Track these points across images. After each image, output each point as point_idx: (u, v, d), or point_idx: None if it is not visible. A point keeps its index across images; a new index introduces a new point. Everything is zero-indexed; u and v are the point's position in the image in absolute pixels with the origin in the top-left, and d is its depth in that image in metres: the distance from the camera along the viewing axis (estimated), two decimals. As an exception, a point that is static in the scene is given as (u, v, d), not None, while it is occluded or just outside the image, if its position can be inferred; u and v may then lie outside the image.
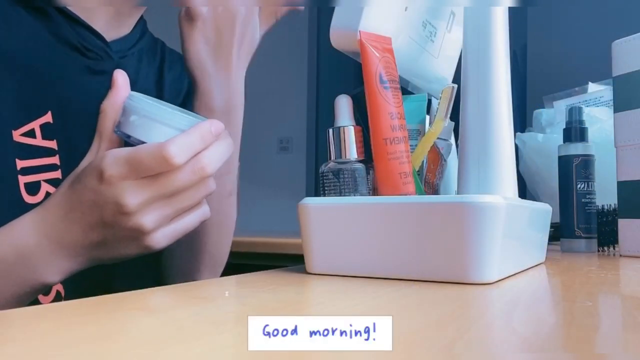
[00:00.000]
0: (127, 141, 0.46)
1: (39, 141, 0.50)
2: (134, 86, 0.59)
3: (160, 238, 0.45)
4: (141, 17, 0.64)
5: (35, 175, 0.50)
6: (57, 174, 0.51)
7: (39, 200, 0.49)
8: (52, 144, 0.51)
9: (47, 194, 0.50)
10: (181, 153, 0.41)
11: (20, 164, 0.49)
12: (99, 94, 0.54)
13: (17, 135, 0.49)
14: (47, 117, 0.51)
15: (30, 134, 0.50)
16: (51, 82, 0.52)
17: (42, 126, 0.50)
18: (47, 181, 0.50)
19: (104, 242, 0.44)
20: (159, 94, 0.63)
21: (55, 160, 0.51)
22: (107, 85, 0.55)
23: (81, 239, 0.44)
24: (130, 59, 0.61)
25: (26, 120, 0.50)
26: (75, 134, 0.52)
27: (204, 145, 0.43)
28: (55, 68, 0.53)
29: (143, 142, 0.43)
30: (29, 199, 0.49)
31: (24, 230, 0.44)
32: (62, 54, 0.53)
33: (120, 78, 0.49)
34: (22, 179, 0.49)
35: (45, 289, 0.46)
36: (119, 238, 0.44)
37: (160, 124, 0.43)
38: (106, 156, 0.42)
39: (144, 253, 0.46)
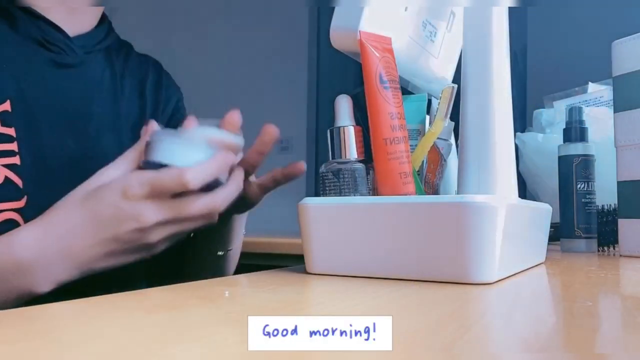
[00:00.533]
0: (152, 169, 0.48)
1: None
2: (101, 84, 0.63)
3: (160, 249, 0.48)
4: (105, 17, 0.67)
5: None
6: (15, 160, 0.53)
7: None
8: (10, 131, 0.53)
9: (6, 179, 0.52)
10: (196, 180, 0.45)
11: None
12: (64, 85, 0.59)
13: None
14: (6, 106, 0.53)
15: None
16: (11, 74, 0.55)
17: (0, 113, 0.53)
18: (6, 166, 0.52)
19: (110, 255, 0.46)
20: (122, 90, 0.66)
21: (13, 146, 0.53)
22: (73, 77, 0.60)
23: (89, 253, 0.45)
24: (97, 55, 0.64)
25: None
26: (37, 121, 0.55)
27: (217, 174, 0.47)
28: (16, 60, 0.56)
29: (166, 165, 0.46)
30: None
31: (23, 243, 0.45)
32: (23, 47, 0.57)
33: (152, 126, 0.51)
34: None
35: (33, 297, 0.47)
36: (126, 251, 0.46)
37: (183, 149, 0.46)
38: (130, 176, 0.45)
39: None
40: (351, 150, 0.48)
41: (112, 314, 0.28)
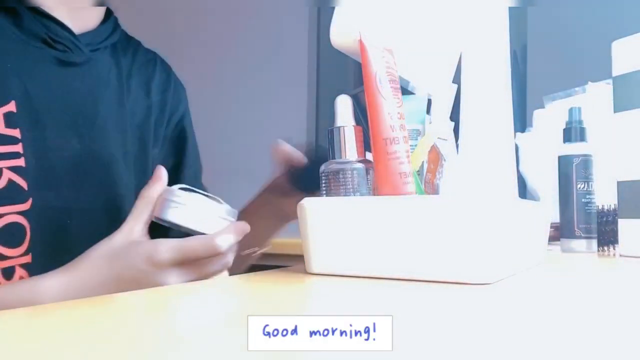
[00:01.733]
0: (166, 227, 0.51)
1: (1, 129, 0.51)
2: (107, 83, 0.62)
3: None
4: (111, 13, 0.66)
5: None
6: (20, 162, 0.52)
7: (1, 186, 0.50)
8: (15, 132, 0.52)
9: (10, 182, 0.51)
10: (224, 244, 0.48)
11: None
12: (69, 84, 0.58)
13: None
14: (11, 106, 0.52)
15: None
16: (16, 73, 0.54)
17: (5, 115, 0.52)
18: (10, 168, 0.52)
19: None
20: (128, 89, 0.65)
21: (18, 148, 0.52)
22: (78, 76, 0.59)
23: (106, 293, 0.46)
24: (103, 52, 0.63)
25: None
26: (42, 122, 0.54)
27: (238, 239, 0.50)
28: (21, 59, 0.55)
29: (186, 228, 0.49)
30: None
31: (47, 292, 0.46)
32: (28, 46, 0.56)
33: (160, 171, 0.52)
34: None
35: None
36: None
37: (204, 215, 0.50)
38: (158, 244, 0.47)
39: None
40: (351, 150, 0.48)
41: (112, 314, 0.28)
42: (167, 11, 2.79)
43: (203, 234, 0.49)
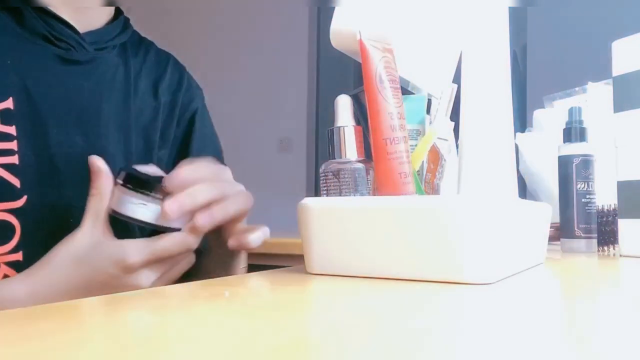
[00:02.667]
0: (126, 221, 0.48)
1: None
2: (112, 82, 0.61)
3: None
4: (121, 13, 0.65)
5: None
6: (13, 159, 0.52)
7: None
8: (11, 129, 0.52)
9: (1, 179, 0.51)
10: (197, 242, 0.48)
11: None
12: (72, 82, 0.57)
13: None
14: (8, 103, 0.52)
15: None
16: (15, 70, 0.54)
17: (1, 112, 0.52)
18: (2, 166, 0.51)
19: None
20: (135, 89, 0.64)
21: (12, 145, 0.52)
22: (82, 74, 0.58)
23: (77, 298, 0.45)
24: (110, 51, 0.62)
25: None
26: (43, 119, 0.54)
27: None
28: (20, 56, 0.54)
29: (147, 223, 0.47)
30: None
31: (15, 297, 0.45)
32: (29, 43, 0.55)
33: (98, 162, 0.49)
34: None
35: None
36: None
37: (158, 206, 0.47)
38: (126, 247, 0.46)
39: None
40: (351, 150, 0.48)
41: (111, 314, 0.28)
42: (167, 11, 2.79)
43: (171, 229, 0.47)
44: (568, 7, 1.84)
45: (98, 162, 0.49)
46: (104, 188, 0.48)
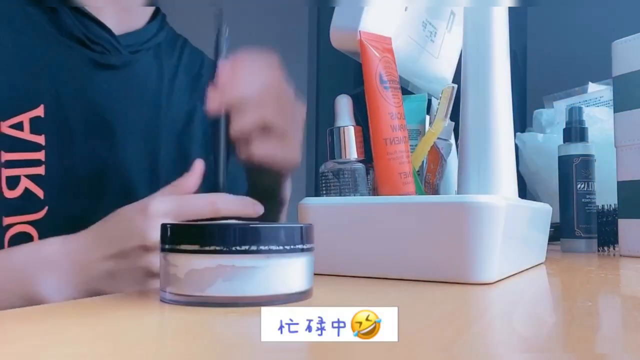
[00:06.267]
0: None
1: (26, 134, 0.49)
2: (145, 88, 0.58)
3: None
4: (159, 11, 0.62)
5: (16, 170, 0.49)
6: (40, 170, 0.50)
7: (16, 195, 0.48)
8: (40, 139, 0.50)
9: (26, 190, 0.49)
10: (226, 210, 0.43)
11: (5, 156, 0.48)
12: (103, 89, 0.54)
13: (4, 127, 0.48)
14: (39, 111, 0.50)
15: (19, 126, 0.49)
16: (48, 75, 0.51)
17: (31, 120, 0.50)
18: (28, 176, 0.49)
19: (112, 275, 0.43)
20: (169, 94, 0.61)
21: (40, 155, 0.50)
22: (115, 79, 0.55)
23: (93, 270, 0.43)
24: (144, 54, 0.59)
25: (16, 112, 0.49)
26: (70, 128, 0.52)
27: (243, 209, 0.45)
28: (54, 60, 0.52)
29: None
30: (7, 193, 0.48)
31: (51, 253, 0.43)
32: (62, 46, 0.53)
33: (198, 166, 0.47)
34: (4, 172, 0.48)
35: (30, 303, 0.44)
36: (127, 274, 0.43)
37: None
38: (155, 196, 0.44)
39: None
40: (351, 150, 0.48)
41: (112, 313, 0.28)
42: (164, 10, 2.78)
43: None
44: (568, 7, 1.84)
45: (198, 166, 0.46)
46: (187, 187, 0.45)
